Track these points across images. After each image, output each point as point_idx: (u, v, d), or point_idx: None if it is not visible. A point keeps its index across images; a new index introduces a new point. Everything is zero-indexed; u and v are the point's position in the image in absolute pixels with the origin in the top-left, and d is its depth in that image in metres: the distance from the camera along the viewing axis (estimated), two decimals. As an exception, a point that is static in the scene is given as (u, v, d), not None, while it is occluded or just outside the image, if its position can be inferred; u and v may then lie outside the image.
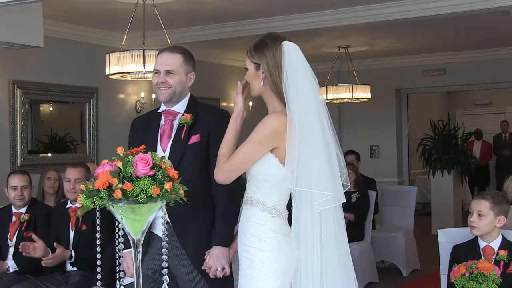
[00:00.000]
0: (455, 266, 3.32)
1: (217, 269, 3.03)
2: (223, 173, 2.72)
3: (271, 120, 2.69)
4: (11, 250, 4.75)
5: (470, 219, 3.49)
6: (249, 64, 2.79)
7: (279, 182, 2.69)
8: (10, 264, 4.75)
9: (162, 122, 3.21)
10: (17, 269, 4.74)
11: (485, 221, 3.45)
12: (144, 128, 3.26)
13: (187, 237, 3.06)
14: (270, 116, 2.72)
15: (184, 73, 3.18)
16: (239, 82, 2.85)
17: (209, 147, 3.12)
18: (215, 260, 3.03)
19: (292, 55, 2.71)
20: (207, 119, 3.17)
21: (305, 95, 2.69)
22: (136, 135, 3.26)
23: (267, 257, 2.67)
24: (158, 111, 3.26)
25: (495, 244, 3.47)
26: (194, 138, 3.12)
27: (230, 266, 3.09)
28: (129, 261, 3.08)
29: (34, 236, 4.37)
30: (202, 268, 3.05)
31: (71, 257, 4.41)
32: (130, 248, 2.20)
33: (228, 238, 3.08)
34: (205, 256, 3.06)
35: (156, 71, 3.19)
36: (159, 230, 2.98)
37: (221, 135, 2.99)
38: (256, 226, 2.70)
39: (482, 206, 3.46)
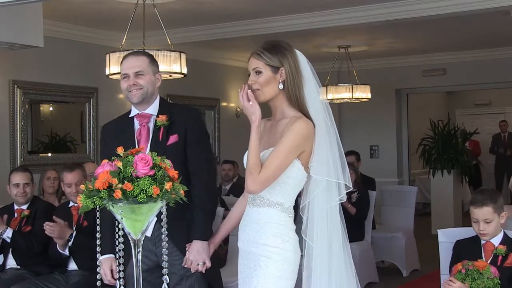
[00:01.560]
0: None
1: (198, 264, 3.08)
2: (259, 185, 2.69)
3: (301, 126, 2.70)
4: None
5: (479, 228, 3.47)
6: (264, 67, 2.75)
7: (299, 184, 2.77)
8: (10, 262, 4.79)
9: (137, 126, 3.25)
10: (17, 266, 4.77)
11: (493, 224, 3.47)
12: (117, 135, 3.27)
13: (177, 233, 3.07)
14: (299, 122, 2.71)
15: (152, 73, 3.24)
16: (249, 91, 2.74)
17: (186, 146, 3.18)
18: (196, 255, 3.08)
19: (304, 61, 2.81)
20: (182, 119, 3.23)
21: (316, 101, 2.79)
22: (110, 142, 3.24)
23: (288, 256, 2.73)
24: (130, 115, 3.30)
25: (496, 240, 3.48)
26: (173, 138, 3.17)
27: (211, 260, 3.14)
28: (106, 268, 3.15)
29: (55, 218, 4.39)
30: (183, 264, 3.10)
31: (71, 236, 4.39)
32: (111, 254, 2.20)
33: (208, 232, 3.14)
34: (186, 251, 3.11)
35: (124, 76, 3.22)
36: (148, 231, 2.99)
37: (196, 134, 3.19)
38: (278, 226, 2.74)
39: (486, 214, 3.45)
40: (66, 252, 4.46)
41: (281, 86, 2.75)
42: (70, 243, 4.40)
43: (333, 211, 2.79)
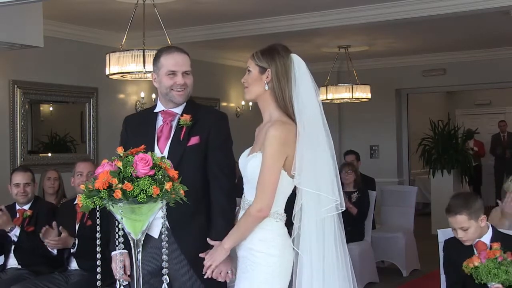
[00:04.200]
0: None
1: (220, 272, 2.95)
2: (267, 208, 2.71)
3: (274, 133, 2.71)
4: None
5: (458, 236, 3.46)
6: (253, 67, 2.84)
7: (284, 190, 2.76)
8: (11, 261, 4.78)
9: (160, 122, 3.15)
10: (17, 266, 4.76)
11: (471, 230, 3.44)
12: (139, 128, 3.19)
13: (185, 238, 3.02)
14: (272, 129, 2.72)
15: (192, 74, 3.16)
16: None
17: (207, 149, 3.09)
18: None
19: (301, 66, 2.82)
20: (207, 120, 3.13)
21: (312, 106, 2.79)
22: (130, 134, 3.19)
23: (273, 261, 2.74)
24: (154, 110, 3.19)
25: (487, 238, 3.45)
26: (194, 140, 3.08)
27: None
28: (119, 263, 3.00)
29: (61, 228, 4.38)
30: (203, 272, 2.95)
31: (74, 244, 4.39)
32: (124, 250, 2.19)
33: None
34: (205, 257, 2.99)
35: (172, 72, 3.09)
36: (155, 232, 2.96)
37: (221, 138, 3.09)
38: (263, 231, 2.75)
39: (461, 222, 3.44)
40: (54, 251, 4.47)
41: (266, 87, 2.80)
42: (73, 250, 4.41)
43: (326, 221, 2.76)
